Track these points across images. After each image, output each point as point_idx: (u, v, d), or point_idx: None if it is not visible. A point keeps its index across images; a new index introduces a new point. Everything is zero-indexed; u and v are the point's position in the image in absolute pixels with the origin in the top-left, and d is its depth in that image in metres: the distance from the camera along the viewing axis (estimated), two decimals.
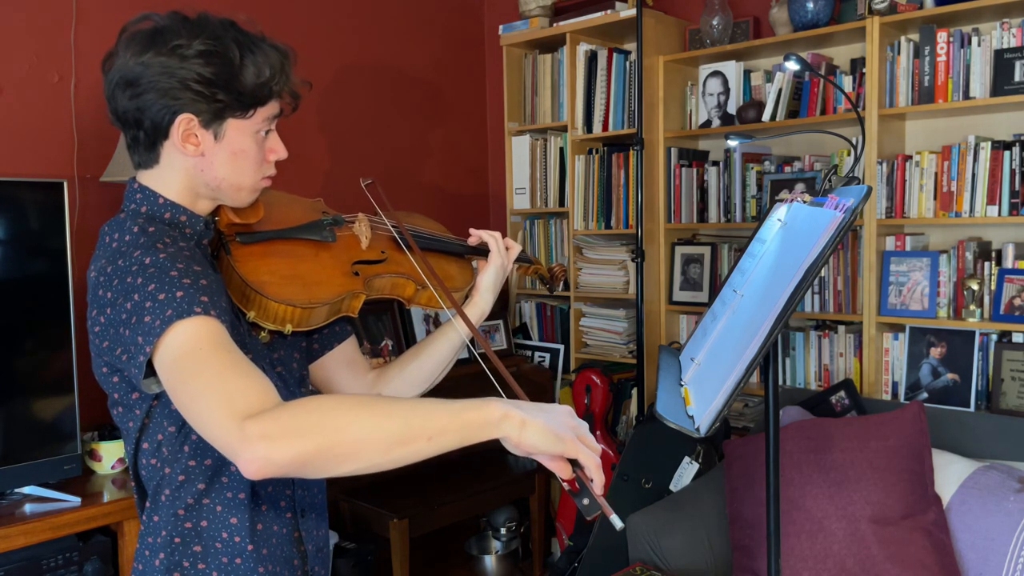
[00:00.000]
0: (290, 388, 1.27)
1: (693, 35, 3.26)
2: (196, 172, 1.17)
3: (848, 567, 2.06)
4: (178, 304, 1.01)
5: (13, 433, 2.11)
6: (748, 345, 1.21)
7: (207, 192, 1.19)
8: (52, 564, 2.08)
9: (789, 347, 2.96)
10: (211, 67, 1.11)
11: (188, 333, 1.00)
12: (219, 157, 1.16)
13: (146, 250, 1.07)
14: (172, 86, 1.10)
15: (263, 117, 1.18)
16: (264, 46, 1.17)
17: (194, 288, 1.03)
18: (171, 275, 1.04)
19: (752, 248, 1.55)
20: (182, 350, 0.99)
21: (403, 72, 3.54)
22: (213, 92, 1.11)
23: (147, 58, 1.11)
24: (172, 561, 1.15)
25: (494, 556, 3.24)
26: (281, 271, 1.21)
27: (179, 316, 1.00)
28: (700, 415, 1.24)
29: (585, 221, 3.41)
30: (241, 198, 1.21)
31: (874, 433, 2.21)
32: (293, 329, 1.20)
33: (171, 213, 1.18)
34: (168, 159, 1.16)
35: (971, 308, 2.59)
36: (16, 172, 2.44)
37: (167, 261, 1.05)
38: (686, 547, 2.30)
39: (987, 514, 2.11)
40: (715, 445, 2.78)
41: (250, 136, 1.17)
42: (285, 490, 1.23)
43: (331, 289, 1.24)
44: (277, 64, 1.17)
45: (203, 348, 0.98)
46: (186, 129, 1.13)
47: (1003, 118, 2.66)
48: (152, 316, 1.00)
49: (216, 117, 1.13)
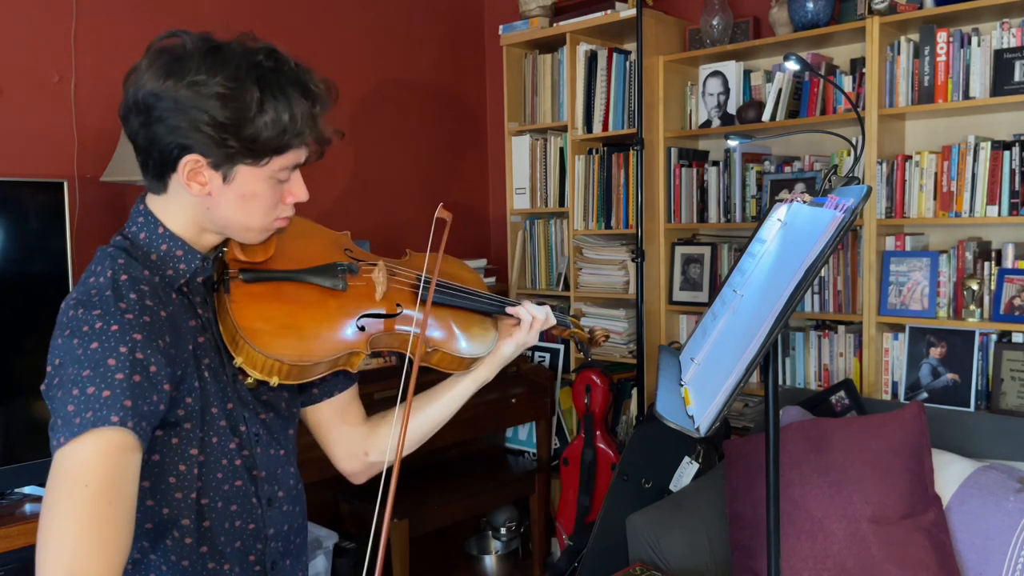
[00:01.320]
0: (275, 435, 1.23)
1: (693, 35, 3.26)
2: (203, 209, 1.11)
3: (848, 567, 2.06)
4: (99, 407, 0.97)
5: (13, 433, 2.11)
6: (748, 345, 1.21)
7: (213, 228, 1.14)
8: None
9: (789, 347, 2.96)
10: (226, 111, 1.04)
11: (90, 454, 0.96)
12: (227, 199, 1.10)
13: (104, 311, 1.03)
14: (182, 124, 1.04)
15: (281, 165, 1.10)
16: (291, 90, 1.07)
17: (123, 386, 0.99)
18: (108, 363, 0.99)
19: (752, 248, 1.55)
20: (71, 473, 0.96)
21: (403, 72, 3.54)
22: (224, 137, 1.05)
23: (163, 88, 1.04)
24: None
25: (494, 556, 3.24)
26: (278, 319, 1.14)
27: (94, 423, 0.96)
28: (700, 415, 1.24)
29: (585, 221, 3.41)
30: (250, 237, 1.15)
31: (874, 433, 2.21)
32: (280, 382, 1.13)
33: (168, 245, 1.12)
34: (175, 191, 1.11)
35: (971, 308, 2.59)
36: (16, 172, 2.44)
37: (115, 338, 1.01)
38: (686, 547, 2.30)
39: (987, 514, 2.11)
40: (715, 445, 2.78)
41: (263, 181, 1.10)
42: (256, 545, 1.19)
43: (328, 347, 1.16)
44: (301, 112, 1.08)
45: (89, 487, 0.95)
46: (192, 168, 1.07)
47: (1003, 118, 2.66)
48: (75, 408, 0.97)
49: (226, 161, 1.07)
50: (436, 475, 3.13)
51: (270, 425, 1.22)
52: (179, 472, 1.10)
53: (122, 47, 2.68)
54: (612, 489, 2.65)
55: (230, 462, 1.15)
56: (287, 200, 1.14)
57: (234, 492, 1.16)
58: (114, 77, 2.69)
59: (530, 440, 3.45)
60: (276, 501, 1.22)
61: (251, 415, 1.19)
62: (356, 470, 1.37)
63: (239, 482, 1.16)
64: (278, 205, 1.14)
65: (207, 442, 1.12)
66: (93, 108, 2.61)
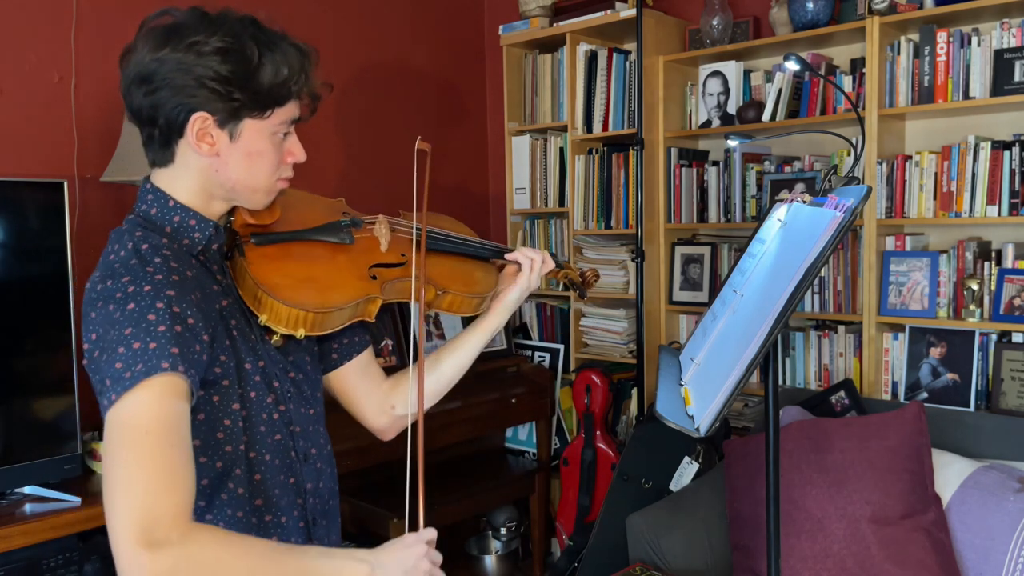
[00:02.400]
0: (304, 395, 1.26)
1: (693, 35, 3.27)
2: (211, 172, 1.14)
3: (848, 567, 2.06)
4: (148, 358, 0.99)
5: (13, 433, 2.11)
6: (748, 345, 1.21)
7: (221, 193, 1.17)
8: (52, 564, 2.08)
9: (789, 347, 2.96)
10: (228, 64, 1.08)
11: (144, 403, 0.98)
12: (234, 158, 1.14)
13: (134, 276, 1.05)
14: (187, 83, 1.08)
15: (281, 119, 1.15)
16: (284, 45, 1.14)
17: (167, 336, 1.01)
18: (148, 319, 1.02)
19: (752, 248, 1.55)
20: (129, 423, 0.97)
21: (403, 72, 3.54)
22: (229, 91, 1.09)
23: (163, 54, 1.08)
24: None
25: (494, 556, 3.24)
26: (295, 274, 1.18)
27: (146, 373, 0.98)
28: (700, 415, 1.24)
29: (585, 221, 3.41)
30: (256, 200, 1.19)
31: (874, 433, 2.21)
32: (306, 334, 1.17)
33: (180, 217, 1.15)
34: (183, 158, 1.14)
35: (971, 308, 2.59)
36: (16, 172, 2.44)
37: (150, 297, 1.03)
38: (686, 547, 2.30)
39: (987, 514, 2.11)
40: (715, 445, 2.78)
41: (267, 137, 1.15)
42: (296, 499, 1.23)
43: (346, 293, 1.20)
44: (296, 64, 1.14)
45: (150, 433, 0.97)
46: (201, 128, 1.10)
47: (1003, 118, 2.66)
48: (124, 364, 0.99)
49: (232, 116, 1.11)
50: (436, 475, 3.13)
51: (299, 384, 1.26)
52: (225, 427, 1.14)
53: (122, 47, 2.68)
54: (612, 489, 2.65)
55: (269, 416, 1.19)
56: (287, 160, 1.19)
57: (275, 446, 1.20)
58: (114, 77, 2.69)
59: (530, 440, 3.45)
60: (311, 457, 1.26)
61: (282, 373, 1.23)
62: (385, 425, 1.42)
63: (278, 436, 1.20)
64: (280, 165, 1.18)
65: (246, 397, 1.16)
66: (93, 108, 2.61)
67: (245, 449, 1.15)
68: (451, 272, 1.36)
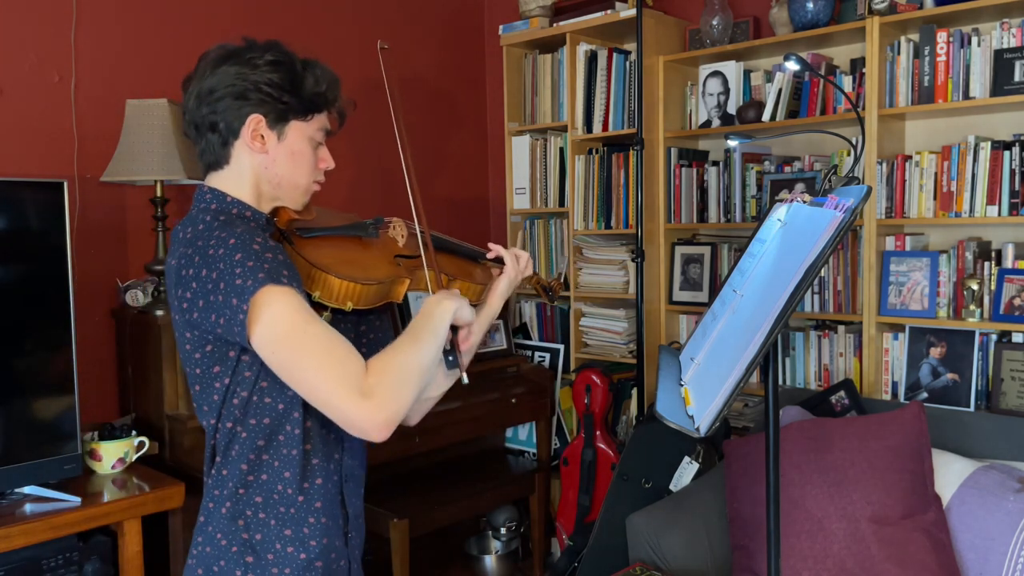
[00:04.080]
0: None
1: (693, 35, 3.27)
2: (261, 169, 1.33)
3: (848, 567, 2.06)
4: (268, 271, 1.17)
5: (13, 433, 2.11)
6: (748, 345, 1.21)
7: (269, 191, 1.35)
8: (52, 564, 2.09)
9: (789, 347, 2.96)
10: (278, 73, 1.30)
11: (284, 305, 1.17)
12: (281, 156, 1.33)
13: (224, 228, 1.23)
14: (245, 88, 1.28)
15: (318, 125, 1.36)
16: (321, 65, 1.36)
17: (276, 261, 1.20)
18: (254, 247, 1.20)
19: (752, 248, 1.55)
20: (284, 326, 1.17)
21: (403, 72, 3.54)
22: (280, 94, 1.30)
23: (223, 69, 1.29)
24: (237, 510, 1.29)
25: (494, 556, 3.24)
26: (339, 256, 1.38)
27: (271, 280, 1.17)
28: (700, 415, 1.24)
29: (585, 221, 3.41)
30: (297, 198, 1.38)
31: (874, 433, 2.21)
32: (353, 307, 1.33)
33: (238, 209, 1.32)
34: (237, 159, 1.33)
35: (971, 308, 2.59)
36: (16, 172, 2.44)
37: (246, 235, 1.22)
38: (686, 547, 2.30)
39: (987, 514, 2.11)
40: (715, 445, 2.78)
41: (306, 140, 1.35)
42: (334, 454, 1.37)
43: (382, 271, 1.40)
44: (331, 79, 1.36)
45: (302, 323, 1.17)
46: (255, 128, 1.30)
47: (1003, 118, 2.66)
48: (243, 279, 1.17)
49: (280, 118, 1.31)
50: (436, 475, 3.13)
51: None
52: None
53: (122, 47, 2.69)
54: (612, 489, 2.65)
55: None
56: (321, 165, 1.40)
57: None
58: (114, 77, 2.71)
59: (530, 440, 3.45)
60: None
61: None
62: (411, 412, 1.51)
63: None
64: (315, 169, 1.39)
65: None
66: (93, 108, 2.61)
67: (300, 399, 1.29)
68: (456, 266, 1.55)
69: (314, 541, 1.32)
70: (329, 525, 1.35)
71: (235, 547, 1.29)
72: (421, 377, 1.24)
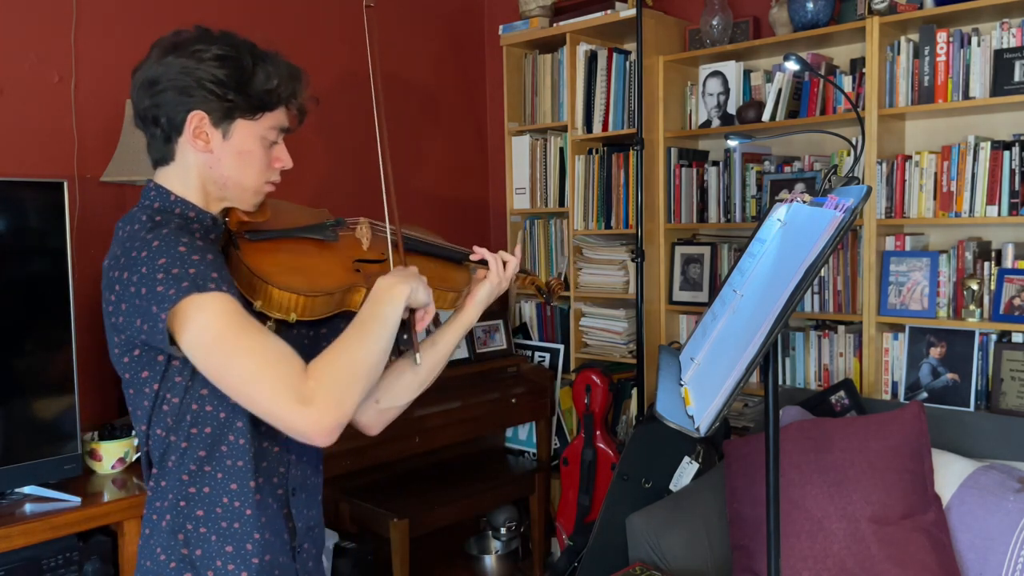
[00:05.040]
0: None
1: (693, 35, 3.27)
2: (206, 169, 1.26)
3: (848, 567, 2.06)
4: (192, 278, 1.11)
5: (13, 433, 2.11)
6: (748, 345, 1.21)
7: (215, 190, 1.28)
8: (52, 564, 2.08)
9: (789, 347, 2.96)
10: (224, 69, 1.22)
11: (211, 312, 1.11)
12: (227, 155, 1.25)
13: (152, 230, 1.17)
14: (188, 84, 1.21)
15: (270, 124, 1.27)
16: (276, 59, 1.27)
17: (203, 264, 1.13)
18: (179, 251, 1.13)
19: (752, 248, 1.55)
20: (211, 333, 1.11)
21: (403, 72, 3.54)
22: (224, 92, 1.22)
23: (168, 60, 1.22)
24: (177, 523, 1.24)
25: (494, 556, 3.24)
26: (286, 263, 1.29)
27: (196, 289, 1.11)
28: (700, 415, 1.24)
29: (585, 221, 3.41)
30: (246, 199, 1.30)
31: (874, 433, 2.21)
32: (297, 318, 1.26)
33: (181, 209, 1.26)
34: (182, 155, 1.26)
35: (971, 308, 2.59)
36: (16, 172, 2.44)
37: (171, 237, 1.15)
38: (686, 547, 2.30)
39: (987, 514, 2.11)
40: (715, 445, 2.78)
41: (256, 139, 1.27)
42: (279, 468, 1.31)
43: (333, 281, 1.30)
44: (285, 75, 1.27)
45: (231, 329, 1.11)
46: (197, 126, 1.23)
47: (1003, 118, 2.66)
48: (165, 286, 1.11)
49: (225, 116, 1.23)
50: (436, 475, 3.13)
51: None
52: None
53: (122, 47, 2.68)
54: (612, 489, 2.65)
55: None
56: (275, 165, 1.31)
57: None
58: (114, 77, 2.70)
59: (530, 440, 3.45)
60: None
61: None
62: (370, 421, 1.46)
63: None
64: (268, 168, 1.30)
65: None
66: (93, 108, 2.61)
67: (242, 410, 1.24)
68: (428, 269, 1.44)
69: (256, 559, 1.25)
70: (272, 541, 1.28)
71: (174, 562, 1.24)
72: (369, 374, 1.18)
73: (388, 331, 1.22)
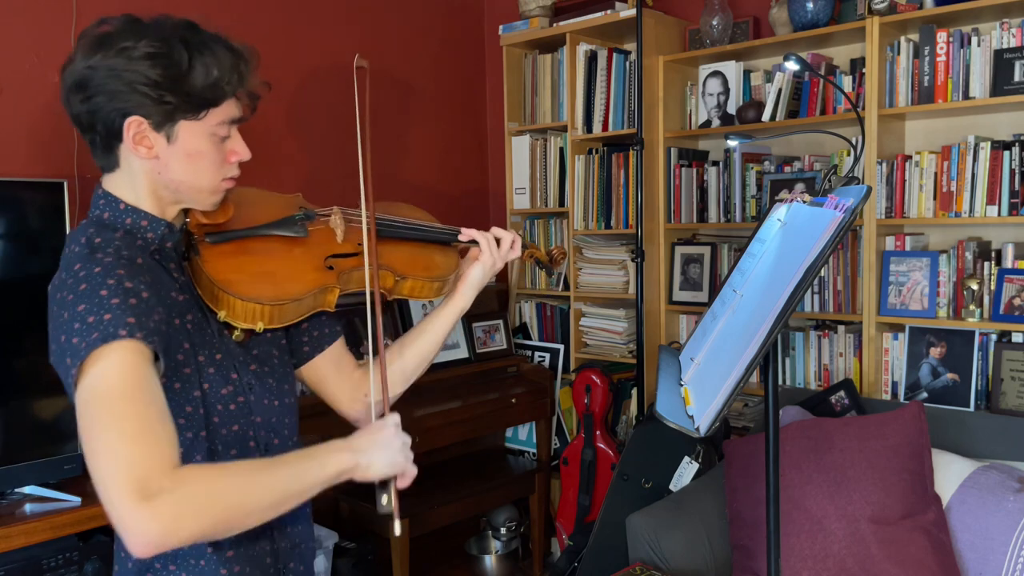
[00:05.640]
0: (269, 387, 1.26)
1: (693, 35, 3.27)
2: (154, 175, 1.16)
3: (848, 567, 2.06)
4: (104, 327, 1.01)
5: (13, 433, 2.11)
6: (748, 345, 1.21)
7: (168, 195, 1.18)
8: (52, 564, 2.08)
9: (789, 347, 2.96)
10: (158, 68, 1.09)
11: (109, 368, 1.00)
12: (174, 159, 1.15)
13: (84, 263, 1.07)
14: (119, 88, 1.09)
15: (218, 119, 1.16)
16: (216, 47, 1.14)
17: (122, 308, 1.02)
18: (101, 295, 1.03)
19: (752, 248, 1.55)
20: (98, 391, 1.00)
21: (403, 72, 3.54)
22: (160, 94, 1.10)
23: (95, 61, 1.09)
24: (143, 563, 1.16)
25: (494, 556, 3.24)
26: (250, 269, 1.20)
27: (103, 340, 1.00)
28: (700, 415, 1.24)
29: (585, 221, 3.41)
30: (203, 200, 1.20)
31: (874, 433, 2.21)
32: (265, 327, 1.19)
33: (131, 219, 1.17)
34: (126, 162, 1.16)
35: (971, 308, 2.59)
36: (16, 172, 2.44)
37: (100, 276, 1.05)
38: (686, 547, 2.30)
39: (987, 514, 2.11)
40: (715, 445, 2.78)
41: (205, 138, 1.16)
42: None
43: (302, 285, 1.22)
44: (228, 64, 1.14)
45: (118, 393, 0.99)
46: (136, 132, 1.12)
47: (1003, 118, 2.66)
48: (79, 337, 1.01)
49: (166, 119, 1.12)
50: (436, 475, 3.13)
51: (263, 377, 1.26)
52: (187, 413, 1.15)
53: None
54: (612, 489, 2.65)
55: (225, 407, 1.19)
56: (231, 159, 1.20)
57: (232, 437, 1.20)
58: None
59: (530, 440, 3.45)
60: (272, 448, 1.26)
61: (241, 365, 1.23)
62: (360, 413, 1.42)
63: (236, 427, 1.21)
64: (223, 165, 1.19)
65: (201, 388, 1.17)
66: None
67: (207, 436, 1.17)
68: (409, 257, 1.36)
69: None
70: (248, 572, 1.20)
71: None
72: (238, 519, 1.01)
73: (300, 487, 1.07)
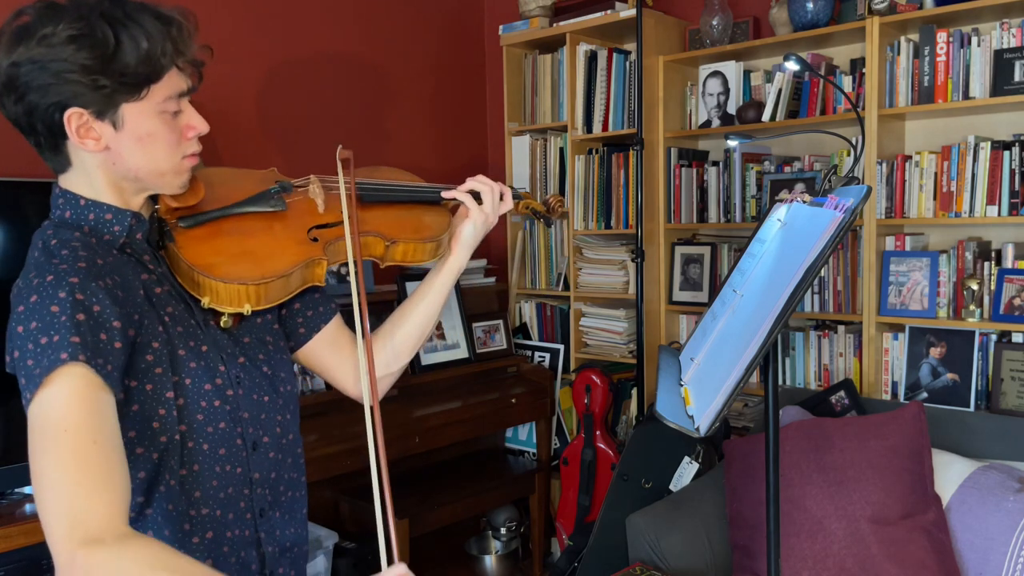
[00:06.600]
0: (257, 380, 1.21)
1: (693, 35, 3.27)
2: (109, 166, 1.09)
3: (848, 567, 2.06)
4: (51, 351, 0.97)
5: (13, 433, 2.11)
6: (748, 345, 1.21)
7: (129, 185, 1.12)
8: (52, 564, 2.08)
9: (789, 347, 2.96)
10: (83, 52, 1.01)
11: (55, 397, 0.96)
12: (126, 146, 1.07)
13: (39, 270, 1.03)
14: (49, 81, 1.01)
15: (164, 95, 1.07)
16: (143, 17, 1.04)
17: (68, 325, 0.98)
18: (52, 310, 0.99)
19: (752, 248, 1.55)
20: (48, 421, 0.97)
21: (403, 72, 3.54)
22: (93, 79, 1.02)
23: (17, 56, 1.01)
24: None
25: (494, 556, 3.24)
26: (229, 250, 1.15)
27: (50, 367, 0.96)
28: (700, 415, 1.24)
29: (585, 221, 3.41)
30: (168, 183, 1.13)
31: (874, 433, 2.21)
32: (253, 308, 1.14)
33: (94, 214, 1.11)
34: (78, 159, 1.09)
35: (971, 308, 2.59)
36: (16, 172, 2.44)
37: (52, 287, 1.00)
38: (686, 547, 2.30)
39: (987, 514, 2.11)
40: (715, 445, 2.79)
41: (153, 117, 1.07)
42: (244, 489, 1.19)
43: (286, 260, 1.16)
44: (159, 35, 1.05)
45: (68, 430, 0.95)
46: (79, 124, 1.04)
47: (1003, 118, 2.66)
48: (34, 360, 0.98)
49: (107, 105, 1.04)
50: (436, 475, 3.13)
51: (250, 370, 1.21)
52: (160, 416, 1.10)
53: None
54: (612, 489, 2.65)
55: (209, 404, 1.14)
56: (188, 135, 1.13)
57: (218, 434, 1.15)
58: None
59: (530, 440, 3.45)
60: (261, 446, 1.21)
61: (229, 359, 1.18)
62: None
63: (222, 424, 1.16)
64: (181, 142, 1.12)
65: (182, 384, 1.12)
66: None
67: (181, 439, 1.11)
68: (398, 221, 1.31)
69: None
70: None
71: None
72: None
73: None
